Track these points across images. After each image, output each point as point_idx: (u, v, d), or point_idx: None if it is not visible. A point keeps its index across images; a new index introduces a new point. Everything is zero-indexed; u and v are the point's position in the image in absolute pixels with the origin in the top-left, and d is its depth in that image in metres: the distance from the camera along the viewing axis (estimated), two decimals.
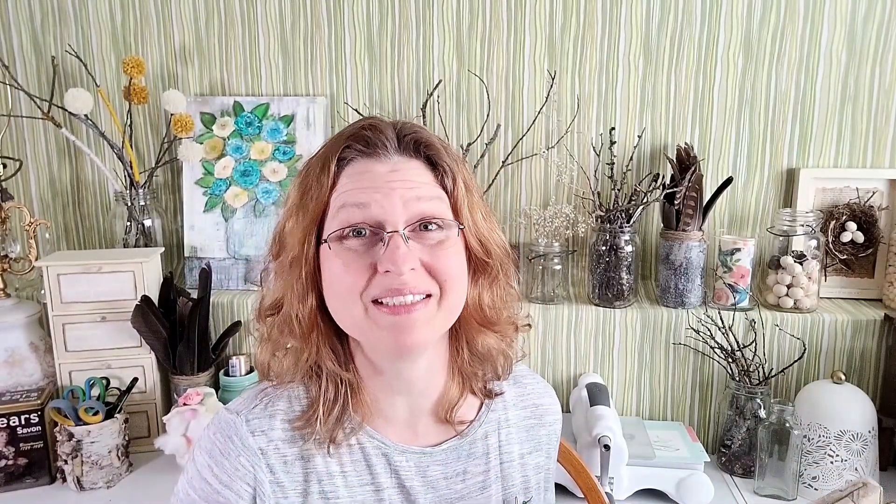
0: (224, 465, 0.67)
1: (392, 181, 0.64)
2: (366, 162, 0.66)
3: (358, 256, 0.63)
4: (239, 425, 0.68)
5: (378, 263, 0.62)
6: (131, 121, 1.55)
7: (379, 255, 0.62)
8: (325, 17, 1.53)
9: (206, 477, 0.68)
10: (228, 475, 0.67)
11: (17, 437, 1.27)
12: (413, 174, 0.66)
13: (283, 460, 0.68)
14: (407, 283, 0.62)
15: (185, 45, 1.56)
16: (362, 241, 0.64)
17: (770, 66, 1.46)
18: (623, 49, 1.48)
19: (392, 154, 0.66)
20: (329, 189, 0.66)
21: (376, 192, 0.64)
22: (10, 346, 1.38)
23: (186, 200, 1.56)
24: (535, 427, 0.81)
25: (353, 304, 0.64)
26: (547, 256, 1.47)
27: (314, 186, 0.66)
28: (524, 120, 1.53)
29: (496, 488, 0.76)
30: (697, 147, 1.50)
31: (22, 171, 1.55)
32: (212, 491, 0.67)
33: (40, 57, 1.56)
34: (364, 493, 0.70)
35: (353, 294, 0.63)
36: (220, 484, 0.67)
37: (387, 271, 0.62)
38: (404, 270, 0.62)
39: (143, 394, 1.39)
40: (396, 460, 0.71)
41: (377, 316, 0.63)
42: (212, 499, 0.67)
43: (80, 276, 1.34)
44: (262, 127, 1.56)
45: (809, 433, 1.25)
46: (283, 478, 0.68)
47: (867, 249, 1.45)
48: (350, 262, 0.63)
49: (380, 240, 0.63)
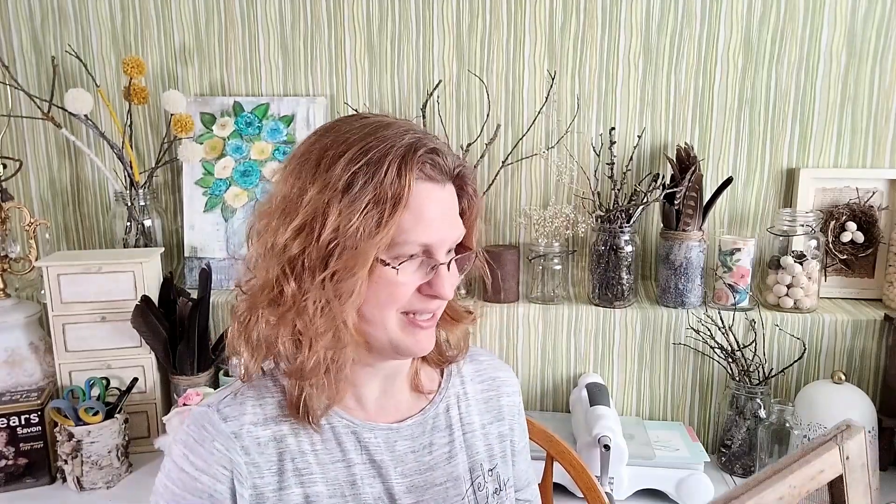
0: (199, 451, 0.70)
1: (448, 212, 0.71)
2: (432, 187, 0.68)
3: (412, 277, 0.69)
4: (210, 414, 0.72)
5: (426, 286, 0.70)
6: (131, 121, 1.55)
7: (427, 279, 0.70)
8: (325, 17, 1.53)
9: (183, 467, 0.70)
10: (204, 461, 0.69)
11: (17, 437, 1.27)
12: (455, 207, 0.72)
13: (256, 442, 0.71)
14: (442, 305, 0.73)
15: (185, 45, 1.56)
16: (415, 262, 0.69)
17: (770, 65, 1.46)
18: (623, 49, 1.48)
19: (447, 181, 0.71)
20: (404, 205, 0.64)
21: (438, 223, 0.69)
22: (10, 346, 1.38)
23: (186, 200, 1.56)
24: (494, 399, 0.87)
25: (395, 314, 0.70)
26: (547, 256, 1.47)
27: (388, 197, 0.64)
28: (524, 120, 1.53)
29: (462, 457, 0.81)
30: (697, 147, 1.50)
31: (22, 171, 1.55)
32: (190, 479, 0.69)
33: (40, 57, 1.56)
34: (336, 469, 0.74)
35: (398, 306, 0.70)
36: (196, 471, 0.69)
37: (434, 296, 0.70)
38: (449, 297, 0.71)
39: (143, 394, 1.39)
40: (366, 437, 0.76)
41: (407, 328, 0.71)
42: (190, 486, 0.69)
43: (80, 276, 1.35)
44: (262, 127, 1.56)
45: (809, 433, 1.25)
46: (257, 458, 0.71)
47: (867, 249, 1.45)
48: (407, 281, 0.69)
49: (430, 265, 0.70)
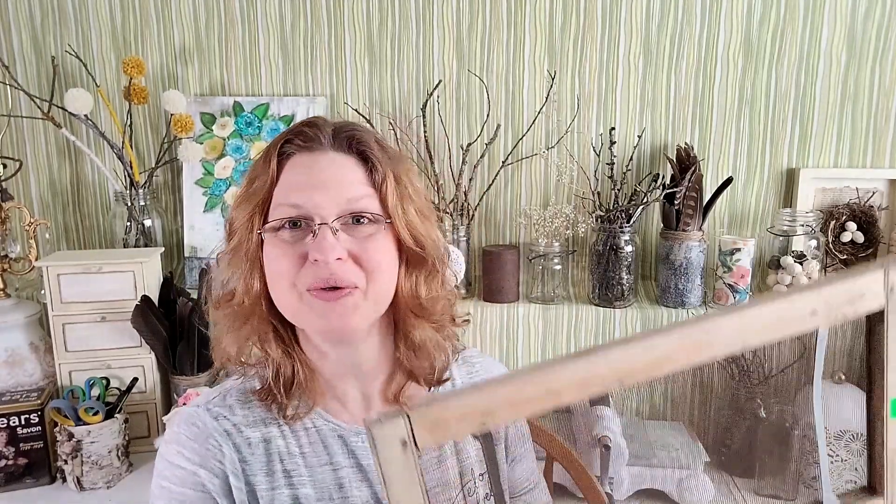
0: (194, 447, 0.70)
1: (325, 177, 0.69)
2: (304, 156, 0.70)
3: (290, 246, 0.68)
4: (201, 414, 0.72)
5: (308, 253, 0.67)
6: (131, 121, 1.55)
7: (309, 246, 0.67)
8: (325, 17, 1.53)
9: (178, 463, 0.70)
10: (200, 456, 0.70)
11: (17, 437, 1.27)
12: (346, 171, 0.70)
13: (247, 442, 0.72)
14: (335, 274, 0.66)
15: (185, 45, 1.56)
16: (296, 232, 0.68)
17: (770, 65, 1.46)
18: (623, 49, 1.48)
19: (328, 149, 0.70)
20: (271, 181, 0.70)
21: (311, 187, 0.68)
22: (10, 346, 1.38)
23: (186, 200, 1.56)
24: None
25: (289, 290, 0.68)
26: (547, 256, 1.47)
27: (258, 179, 0.70)
28: (524, 120, 1.53)
29: (452, 462, 0.79)
30: (697, 147, 1.50)
31: (22, 171, 1.55)
32: (187, 474, 0.69)
33: (40, 57, 1.56)
34: (323, 472, 0.73)
35: (288, 281, 0.68)
36: (193, 465, 0.70)
37: (315, 260, 0.66)
38: (330, 259, 0.66)
39: (143, 394, 1.39)
40: (352, 441, 0.75)
41: (310, 302, 0.67)
42: (189, 481, 0.69)
43: (80, 276, 1.34)
44: (262, 127, 1.56)
45: (809, 433, 1.25)
46: (248, 458, 0.71)
47: (867, 249, 1.45)
48: (284, 251, 0.68)
49: (311, 231, 0.67)
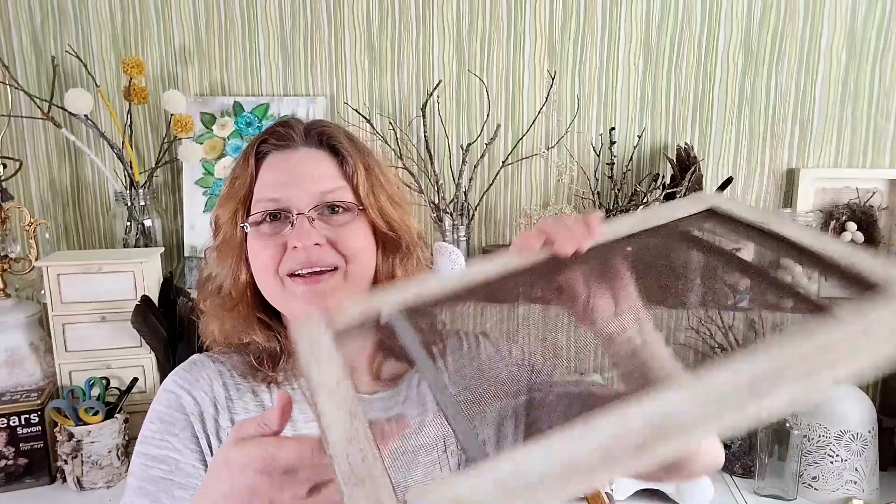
0: (187, 376, 0.76)
1: (300, 172, 0.75)
2: (279, 154, 0.76)
3: (271, 237, 0.74)
4: (201, 356, 0.79)
5: (288, 241, 0.72)
6: (131, 121, 1.55)
7: (288, 235, 0.73)
8: (325, 17, 1.53)
9: (171, 389, 0.75)
10: (190, 384, 0.75)
11: (17, 437, 1.27)
12: (318, 164, 0.76)
13: (236, 388, 0.77)
14: (313, 258, 0.72)
15: (185, 45, 1.56)
16: (276, 224, 0.74)
17: (770, 66, 1.46)
18: (623, 49, 1.48)
19: (300, 146, 0.76)
20: (251, 179, 0.76)
21: (288, 182, 0.74)
22: (10, 346, 1.38)
23: (186, 200, 1.56)
24: None
25: (273, 278, 0.74)
26: None
27: (239, 178, 0.77)
28: (524, 120, 1.53)
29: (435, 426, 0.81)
30: (697, 147, 1.50)
31: (22, 171, 1.55)
32: (174, 397, 0.74)
33: (40, 57, 1.56)
34: (308, 428, 0.75)
35: (271, 269, 0.73)
36: (181, 389, 0.75)
37: (294, 247, 0.72)
38: (309, 245, 0.71)
39: (143, 394, 1.39)
40: None
41: (292, 287, 0.73)
42: (174, 403, 0.74)
43: (80, 276, 1.34)
44: (262, 127, 1.56)
45: (809, 433, 1.25)
46: (235, 399, 0.76)
47: None
48: (266, 242, 0.74)
49: (290, 222, 0.73)
